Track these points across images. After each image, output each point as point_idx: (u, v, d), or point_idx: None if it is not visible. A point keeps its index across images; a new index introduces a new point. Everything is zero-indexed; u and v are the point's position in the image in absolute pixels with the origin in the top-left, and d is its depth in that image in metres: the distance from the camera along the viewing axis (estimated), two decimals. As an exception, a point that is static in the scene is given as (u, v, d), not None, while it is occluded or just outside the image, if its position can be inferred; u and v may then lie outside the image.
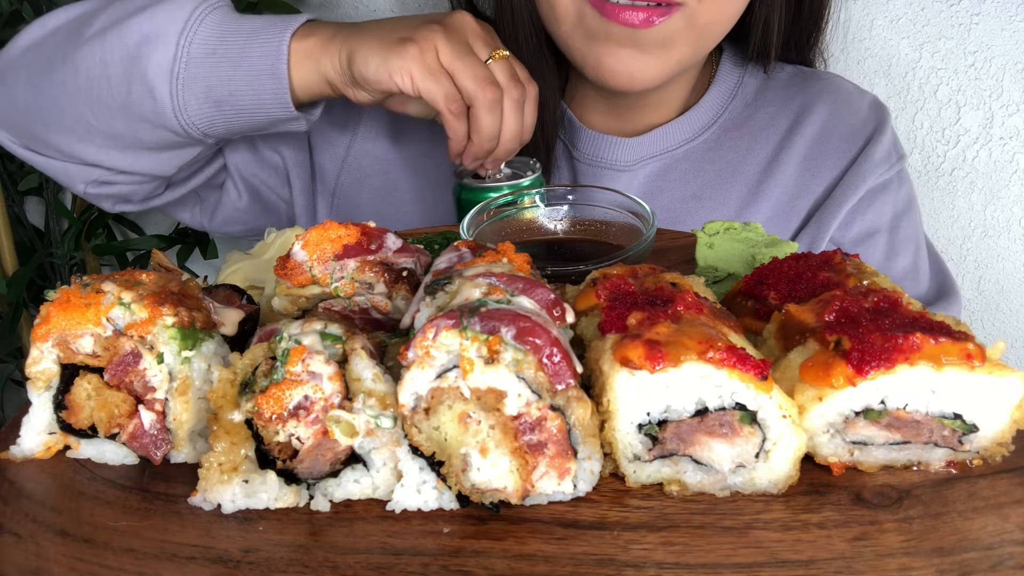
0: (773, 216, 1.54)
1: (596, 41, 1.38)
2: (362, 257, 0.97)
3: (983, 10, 1.79)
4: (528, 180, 1.37)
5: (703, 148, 1.58)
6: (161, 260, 1.05)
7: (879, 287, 0.87)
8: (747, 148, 1.57)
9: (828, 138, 1.56)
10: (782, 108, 1.60)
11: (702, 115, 1.59)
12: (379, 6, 2.07)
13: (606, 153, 1.57)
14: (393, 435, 0.77)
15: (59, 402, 0.86)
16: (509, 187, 1.35)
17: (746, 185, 1.55)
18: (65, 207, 2.16)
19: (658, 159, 1.57)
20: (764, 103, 1.61)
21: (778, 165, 1.55)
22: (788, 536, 0.73)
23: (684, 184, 1.56)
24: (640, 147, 1.57)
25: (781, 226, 1.54)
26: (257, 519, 0.77)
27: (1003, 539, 0.71)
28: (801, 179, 1.55)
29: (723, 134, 1.58)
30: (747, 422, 0.77)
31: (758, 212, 1.53)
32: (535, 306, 0.79)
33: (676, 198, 1.55)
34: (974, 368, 0.76)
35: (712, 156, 1.57)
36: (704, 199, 1.55)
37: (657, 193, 1.56)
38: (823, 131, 1.57)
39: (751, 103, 1.61)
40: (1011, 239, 1.93)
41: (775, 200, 1.54)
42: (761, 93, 1.62)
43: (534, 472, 0.75)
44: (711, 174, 1.56)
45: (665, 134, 1.57)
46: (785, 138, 1.57)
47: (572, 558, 0.71)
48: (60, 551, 0.74)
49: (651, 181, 1.57)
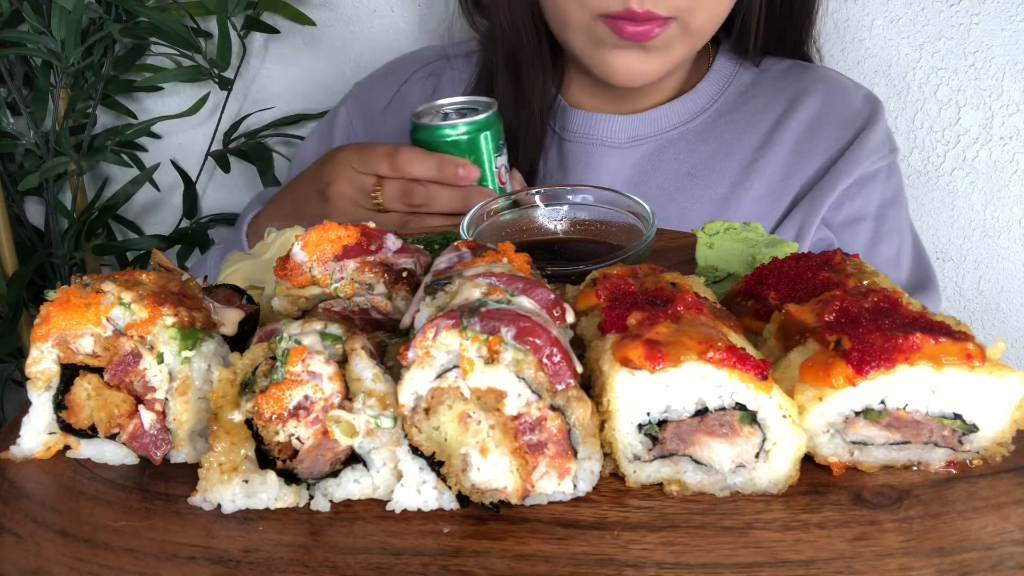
0: (764, 195, 1.59)
1: (603, 47, 1.48)
2: (362, 257, 0.97)
3: (983, 10, 1.79)
4: (483, 117, 1.42)
5: (698, 129, 1.64)
6: (161, 260, 1.05)
7: (879, 287, 0.87)
8: (741, 130, 1.62)
9: (821, 124, 1.61)
10: (776, 95, 1.65)
11: (698, 99, 1.65)
12: (379, 6, 2.07)
13: (598, 130, 1.64)
14: (393, 435, 0.77)
15: (59, 402, 0.86)
16: (465, 124, 1.41)
17: (739, 164, 1.60)
18: (65, 207, 2.16)
19: (654, 139, 1.63)
20: (759, 91, 1.66)
21: (771, 146, 1.60)
22: (788, 536, 0.73)
23: (678, 163, 1.62)
24: (635, 126, 1.63)
25: (771, 204, 1.59)
26: (257, 519, 0.77)
27: (1003, 539, 0.71)
28: (792, 160, 1.59)
29: (718, 117, 1.65)
30: (747, 422, 0.77)
31: (750, 189, 1.59)
32: (535, 306, 0.79)
33: (670, 176, 1.62)
34: (974, 368, 0.76)
35: (706, 137, 1.63)
36: (697, 177, 1.61)
37: (652, 172, 1.62)
38: (817, 117, 1.61)
39: (745, 91, 1.67)
40: (1011, 239, 1.93)
41: (767, 179, 1.59)
42: (756, 83, 1.68)
43: (534, 472, 0.75)
44: (705, 154, 1.62)
45: (661, 115, 1.64)
46: (779, 121, 1.62)
47: (572, 558, 0.71)
48: (60, 551, 0.74)
49: (646, 160, 1.63)
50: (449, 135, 1.42)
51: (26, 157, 2.06)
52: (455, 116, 1.43)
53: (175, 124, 2.12)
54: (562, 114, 1.66)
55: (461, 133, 1.42)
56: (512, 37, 1.56)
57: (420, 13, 2.05)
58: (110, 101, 2.16)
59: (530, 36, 1.55)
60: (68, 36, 1.89)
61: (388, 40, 2.10)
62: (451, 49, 1.77)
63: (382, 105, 1.76)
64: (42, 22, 1.90)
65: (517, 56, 1.57)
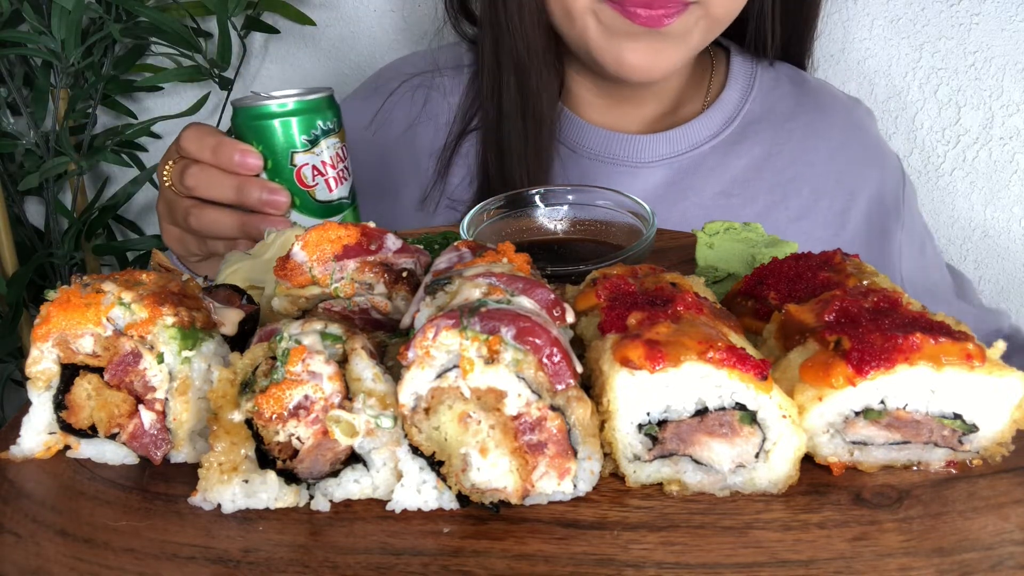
0: (798, 216, 1.55)
1: (617, 36, 1.39)
2: (362, 258, 0.97)
3: (983, 10, 1.79)
4: (279, 103, 1.24)
5: (729, 142, 1.59)
6: (161, 260, 1.05)
7: (879, 287, 0.87)
8: (770, 143, 1.59)
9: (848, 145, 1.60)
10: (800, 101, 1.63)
11: (725, 108, 1.60)
12: (379, 6, 2.07)
13: (619, 150, 1.58)
14: (393, 435, 0.77)
15: (59, 402, 0.86)
16: (295, 102, 1.24)
17: (771, 182, 1.57)
18: (65, 207, 2.16)
19: (687, 155, 1.58)
20: (780, 95, 1.63)
21: (802, 166, 1.58)
22: (788, 536, 0.73)
23: (714, 180, 1.57)
24: (667, 143, 1.57)
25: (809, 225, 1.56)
26: (257, 519, 0.77)
27: (1003, 539, 0.71)
28: (823, 182, 1.57)
29: (746, 127, 1.60)
30: (747, 422, 0.77)
31: (787, 210, 1.55)
32: (535, 306, 0.79)
33: (706, 194, 1.56)
34: (974, 368, 0.76)
35: (739, 151, 1.58)
36: (733, 196, 1.56)
37: (687, 190, 1.56)
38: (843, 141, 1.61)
39: (768, 94, 1.63)
40: (1011, 239, 1.93)
41: (803, 198, 1.56)
42: (776, 85, 1.64)
43: (534, 472, 0.75)
44: (738, 169, 1.57)
45: (691, 130, 1.58)
46: (805, 137, 1.59)
47: (572, 558, 0.71)
48: (60, 551, 0.74)
49: (681, 178, 1.57)
50: (239, 117, 1.26)
51: (26, 157, 2.07)
52: (267, 100, 1.25)
53: (175, 124, 2.11)
54: (576, 129, 1.59)
55: (250, 117, 1.24)
56: (520, 41, 1.46)
57: (420, 13, 2.05)
58: (110, 101, 2.16)
59: (539, 38, 1.45)
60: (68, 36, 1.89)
61: (388, 40, 2.10)
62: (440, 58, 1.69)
63: (366, 120, 1.68)
64: (42, 22, 1.90)
65: (525, 61, 1.47)
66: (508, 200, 1.28)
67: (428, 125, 1.64)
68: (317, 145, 1.26)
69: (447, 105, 1.64)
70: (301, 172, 1.26)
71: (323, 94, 1.28)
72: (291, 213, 1.28)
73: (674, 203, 1.55)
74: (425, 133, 1.64)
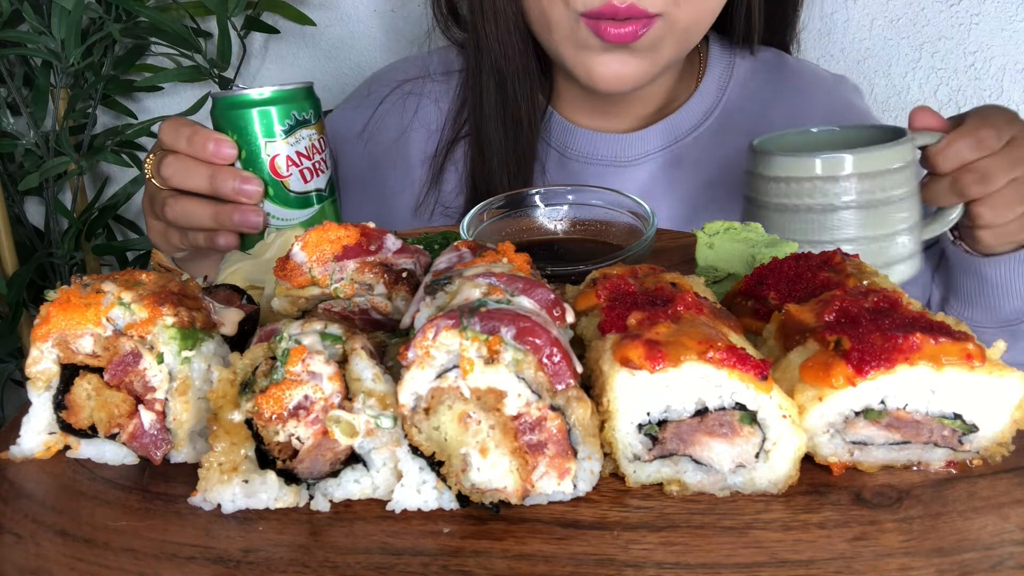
0: None
1: (587, 50, 1.41)
2: (362, 258, 0.97)
3: (983, 10, 1.79)
4: (292, 87, 1.26)
5: (711, 131, 1.59)
6: (161, 260, 1.05)
7: (879, 287, 0.87)
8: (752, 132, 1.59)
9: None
10: (780, 87, 1.62)
11: (704, 99, 1.61)
12: (379, 6, 2.08)
13: (605, 150, 1.58)
14: (393, 435, 0.77)
15: (59, 402, 0.86)
16: (272, 91, 1.25)
17: None
18: (65, 207, 2.16)
19: (668, 150, 1.58)
20: (760, 82, 1.63)
21: None
22: (788, 536, 0.73)
23: (699, 173, 1.57)
24: (643, 142, 1.58)
25: None
26: (257, 519, 0.77)
27: (1003, 539, 0.71)
28: None
29: (727, 117, 1.60)
30: (747, 422, 0.77)
31: None
32: (535, 306, 0.79)
33: (692, 185, 1.57)
34: (974, 368, 0.76)
35: (721, 141, 1.58)
36: (719, 187, 1.56)
37: (670, 185, 1.57)
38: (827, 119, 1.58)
39: (747, 82, 1.63)
40: (1011, 239, 1.92)
41: None
42: (755, 72, 1.64)
43: (534, 472, 0.75)
44: (721, 158, 1.57)
45: (670, 126, 1.59)
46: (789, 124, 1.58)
47: (572, 558, 0.71)
48: (60, 551, 0.74)
49: (664, 173, 1.58)
50: (217, 108, 1.26)
51: (26, 157, 2.07)
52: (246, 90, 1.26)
53: (175, 124, 2.12)
54: (564, 132, 1.60)
55: (227, 106, 1.25)
56: (497, 46, 1.48)
57: (420, 13, 2.05)
58: (110, 101, 2.16)
59: (516, 44, 1.48)
60: (68, 36, 1.89)
61: (388, 40, 2.10)
62: (431, 63, 1.69)
63: (358, 129, 1.68)
64: (42, 22, 1.90)
65: (503, 66, 1.50)
66: (508, 200, 1.28)
67: (420, 132, 1.64)
68: (292, 135, 1.26)
69: (438, 111, 1.64)
70: (275, 162, 1.26)
71: (301, 85, 1.28)
72: (265, 203, 1.28)
73: (661, 197, 1.57)
74: (417, 140, 1.64)
